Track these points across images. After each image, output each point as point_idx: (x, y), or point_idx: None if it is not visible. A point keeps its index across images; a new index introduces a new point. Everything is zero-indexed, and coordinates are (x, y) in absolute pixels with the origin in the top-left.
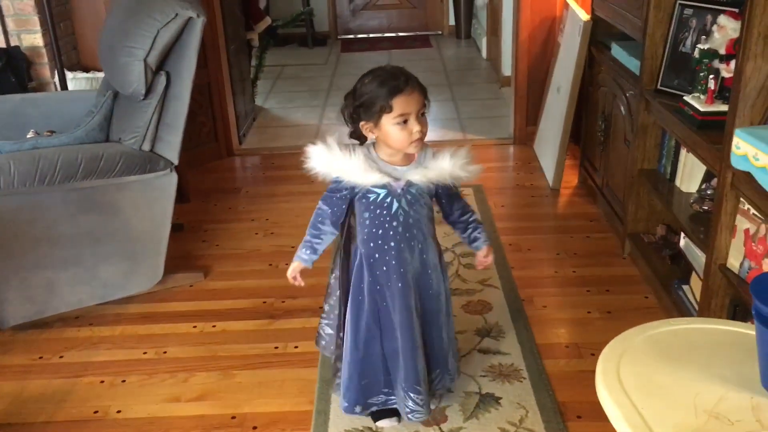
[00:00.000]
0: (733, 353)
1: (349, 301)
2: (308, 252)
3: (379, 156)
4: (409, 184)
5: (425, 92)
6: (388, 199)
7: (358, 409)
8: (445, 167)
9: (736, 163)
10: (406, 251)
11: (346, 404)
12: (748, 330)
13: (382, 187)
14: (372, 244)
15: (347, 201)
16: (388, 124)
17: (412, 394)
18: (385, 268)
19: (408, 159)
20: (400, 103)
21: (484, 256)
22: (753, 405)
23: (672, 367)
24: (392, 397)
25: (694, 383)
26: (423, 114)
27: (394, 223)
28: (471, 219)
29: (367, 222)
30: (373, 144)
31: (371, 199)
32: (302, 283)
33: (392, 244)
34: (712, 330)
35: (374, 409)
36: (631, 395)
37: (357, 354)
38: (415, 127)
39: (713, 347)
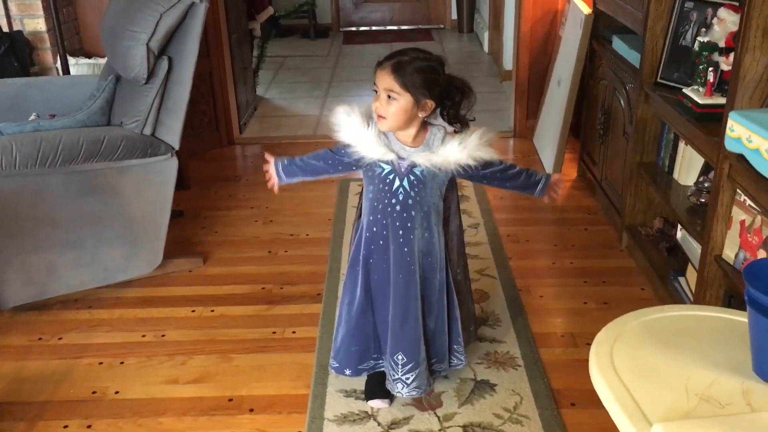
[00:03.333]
0: (726, 339)
1: (347, 270)
2: (287, 160)
3: (393, 132)
4: (413, 164)
5: (405, 80)
6: (391, 176)
7: (348, 371)
8: (450, 155)
9: (730, 145)
10: (401, 230)
11: (337, 365)
12: (741, 317)
13: (388, 162)
14: (371, 218)
15: (344, 167)
16: None
17: (394, 366)
18: (381, 242)
19: (419, 140)
20: (377, 75)
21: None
22: (744, 389)
23: (665, 351)
24: (381, 362)
25: (686, 367)
26: (389, 96)
27: (393, 201)
28: (515, 171)
29: (370, 195)
30: None
31: (376, 172)
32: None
33: (389, 220)
34: (706, 317)
35: (363, 374)
36: (623, 378)
37: (350, 323)
38: (377, 101)
39: (706, 333)
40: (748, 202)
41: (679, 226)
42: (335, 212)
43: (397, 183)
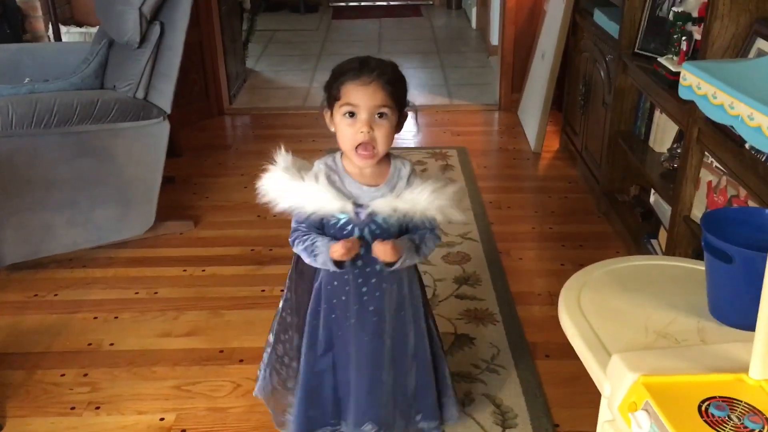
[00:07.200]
0: (686, 285)
1: (306, 324)
2: (323, 241)
3: (345, 168)
4: (374, 213)
5: (396, 93)
6: (349, 227)
7: None
8: (419, 202)
9: (683, 93)
10: (364, 287)
11: (294, 428)
12: (701, 266)
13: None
14: (330, 270)
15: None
16: (338, 115)
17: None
18: (344, 298)
19: (382, 175)
20: (348, 91)
21: (378, 242)
22: (699, 328)
23: (628, 295)
24: (338, 428)
25: (646, 309)
26: (381, 115)
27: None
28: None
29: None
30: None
31: (331, 222)
32: (355, 242)
33: (349, 276)
34: (669, 266)
35: None
36: (588, 318)
37: (309, 383)
38: (362, 126)
39: (668, 280)
40: (715, 163)
41: (653, 191)
42: None
43: (357, 234)
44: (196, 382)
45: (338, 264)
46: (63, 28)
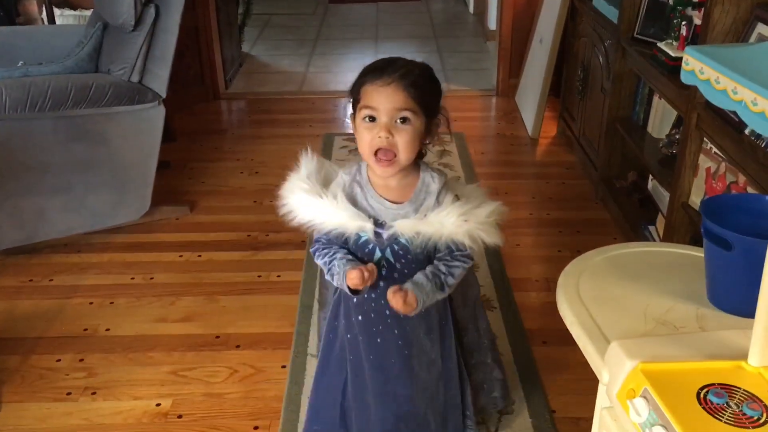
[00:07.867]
0: (685, 272)
1: (323, 332)
2: (341, 261)
3: (370, 180)
4: (396, 235)
5: (422, 96)
6: (370, 246)
7: None
8: (445, 226)
9: (685, 78)
10: (387, 309)
11: None
12: (700, 253)
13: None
14: None
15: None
16: (359, 118)
17: None
18: (360, 318)
19: (408, 189)
20: (367, 92)
21: (392, 292)
22: (698, 315)
23: (627, 282)
24: None
25: (645, 296)
26: (404, 120)
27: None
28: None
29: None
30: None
31: (352, 239)
32: (373, 270)
33: (373, 296)
34: (668, 252)
35: None
36: (587, 305)
37: (317, 394)
38: (381, 131)
39: (667, 267)
40: (714, 149)
41: (651, 177)
42: None
43: (377, 255)
44: (192, 367)
45: (354, 290)
46: (57, 11)
